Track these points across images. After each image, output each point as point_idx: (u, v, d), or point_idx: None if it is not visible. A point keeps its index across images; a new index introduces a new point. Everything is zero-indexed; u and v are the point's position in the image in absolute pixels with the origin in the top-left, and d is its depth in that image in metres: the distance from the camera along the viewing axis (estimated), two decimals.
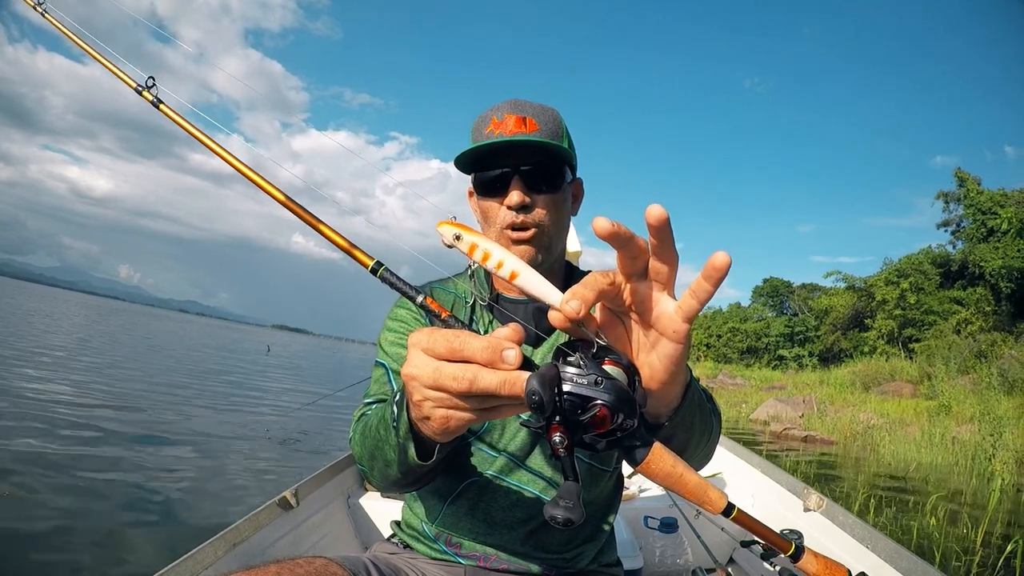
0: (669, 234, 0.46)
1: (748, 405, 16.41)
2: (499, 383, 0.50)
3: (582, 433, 0.50)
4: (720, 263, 0.45)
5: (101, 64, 1.08)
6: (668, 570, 1.81)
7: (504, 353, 0.50)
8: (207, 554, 1.19)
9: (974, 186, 22.26)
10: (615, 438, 0.52)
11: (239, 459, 4.95)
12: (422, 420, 0.59)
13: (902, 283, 22.58)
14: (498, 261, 0.53)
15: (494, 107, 0.97)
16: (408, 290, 0.67)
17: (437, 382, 0.52)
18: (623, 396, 0.49)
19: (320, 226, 0.74)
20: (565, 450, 0.49)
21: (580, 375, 0.49)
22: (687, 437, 0.70)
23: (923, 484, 7.35)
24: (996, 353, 16.47)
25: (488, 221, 0.98)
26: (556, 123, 0.97)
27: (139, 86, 1.02)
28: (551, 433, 0.49)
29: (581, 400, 0.48)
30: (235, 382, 11.49)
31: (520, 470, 0.97)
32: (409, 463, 0.70)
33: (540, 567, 0.98)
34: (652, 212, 0.45)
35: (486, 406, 0.53)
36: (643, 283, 0.51)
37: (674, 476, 0.55)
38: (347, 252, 0.72)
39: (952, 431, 11.05)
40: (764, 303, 34.77)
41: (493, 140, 0.93)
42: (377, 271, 0.70)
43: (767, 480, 2.10)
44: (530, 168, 0.94)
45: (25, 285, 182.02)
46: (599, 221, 0.45)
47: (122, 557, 2.74)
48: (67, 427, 4.91)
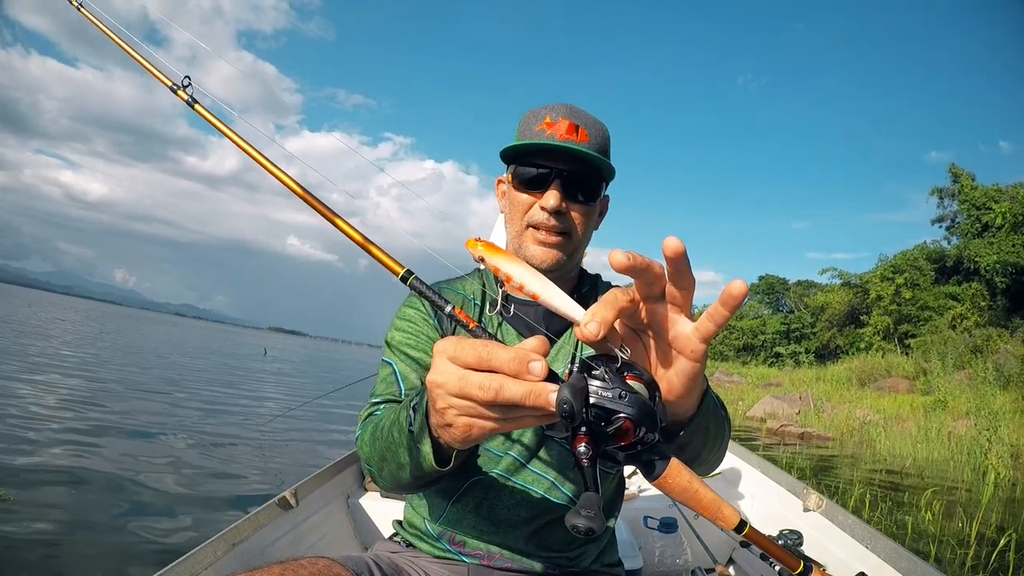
0: (686, 263, 0.48)
1: (745, 403, 16.44)
2: (525, 394, 0.50)
3: (605, 445, 0.52)
4: (737, 291, 0.47)
5: (138, 62, 1.07)
6: (668, 570, 1.82)
7: (531, 364, 0.51)
8: (207, 554, 1.19)
9: (968, 181, 22.37)
10: (635, 451, 0.53)
11: (238, 459, 4.94)
12: (443, 427, 0.59)
13: (897, 279, 22.68)
14: (521, 283, 0.55)
15: (549, 107, 0.98)
16: (438, 300, 0.69)
17: (463, 390, 0.53)
18: (646, 410, 0.51)
19: (370, 247, 0.76)
20: (589, 461, 0.50)
21: (605, 388, 0.50)
22: (701, 443, 0.71)
23: (919, 479, 7.38)
24: (992, 348, 16.56)
25: (518, 215, 1.00)
26: (604, 139, 0.99)
27: (175, 85, 1.02)
28: (576, 444, 0.51)
29: (606, 413, 0.50)
30: (235, 383, 11.46)
31: (525, 470, 0.98)
32: (424, 468, 0.71)
33: (543, 566, 0.99)
34: (669, 245, 0.46)
35: (510, 416, 0.54)
36: (660, 305, 0.53)
37: (689, 491, 0.57)
38: (381, 262, 0.74)
39: (948, 426, 11.09)
40: (760, 300, 34.86)
41: (547, 141, 0.94)
42: (407, 279, 0.71)
43: (767, 480, 2.10)
44: (572, 175, 0.96)
45: (20, 290, 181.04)
46: (614, 255, 0.47)
47: (122, 557, 2.73)
48: (68, 426, 4.89)
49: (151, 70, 1.05)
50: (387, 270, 0.74)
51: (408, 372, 0.97)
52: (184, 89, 1.01)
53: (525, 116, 1.01)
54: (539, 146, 0.95)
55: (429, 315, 1.02)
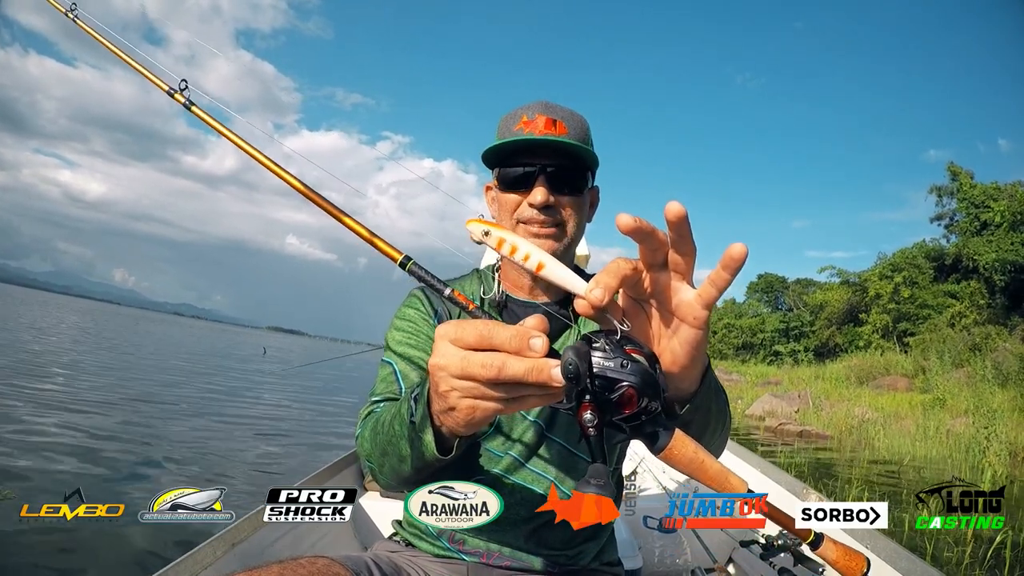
0: (687, 228, 0.49)
1: (744, 401, 16.45)
2: (527, 370, 0.51)
3: (611, 415, 0.52)
4: (737, 253, 0.48)
5: (134, 68, 1.07)
6: (668, 570, 1.82)
7: (531, 341, 0.51)
8: (207, 554, 1.19)
9: (967, 180, 22.37)
10: (639, 422, 0.53)
11: (239, 459, 4.94)
12: (446, 412, 0.59)
13: (896, 277, 22.69)
14: (525, 254, 0.56)
15: (525, 106, 0.98)
16: (436, 283, 0.69)
17: (465, 370, 0.53)
18: (648, 379, 0.51)
19: (374, 239, 0.78)
20: (595, 429, 0.51)
21: (607, 358, 0.51)
22: (704, 423, 0.71)
23: (917, 477, 7.40)
24: (990, 346, 16.58)
25: (507, 215, 1.00)
26: (584, 129, 0.99)
27: (171, 88, 1.02)
28: (581, 412, 0.51)
29: (609, 381, 0.51)
30: (234, 383, 11.46)
31: (525, 469, 0.98)
32: (427, 458, 0.70)
33: (543, 564, 0.99)
34: (671, 209, 0.47)
35: (513, 395, 0.54)
36: (663, 273, 0.54)
37: (696, 462, 0.56)
38: (379, 249, 0.75)
39: (946, 424, 11.11)
40: (759, 299, 34.88)
41: (524, 137, 0.94)
42: (406, 265, 0.72)
43: (766, 480, 2.11)
44: (556, 169, 0.96)
45: (20, 290, 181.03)
46: (622, 217, 0.48)
47: (122, 557, 2.73)
48: (68, 427, 4.89)
49: (147, 75, 1.05)
50: (387, 258, 0.75)
51: (408, 371, 0.97)
52: (181, 92, 1.00)
53: (503, 119, 1.01)
54: (518, 143, 0.95)
55: (429, 315, 1.02)
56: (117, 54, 1.11)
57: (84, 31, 1.16)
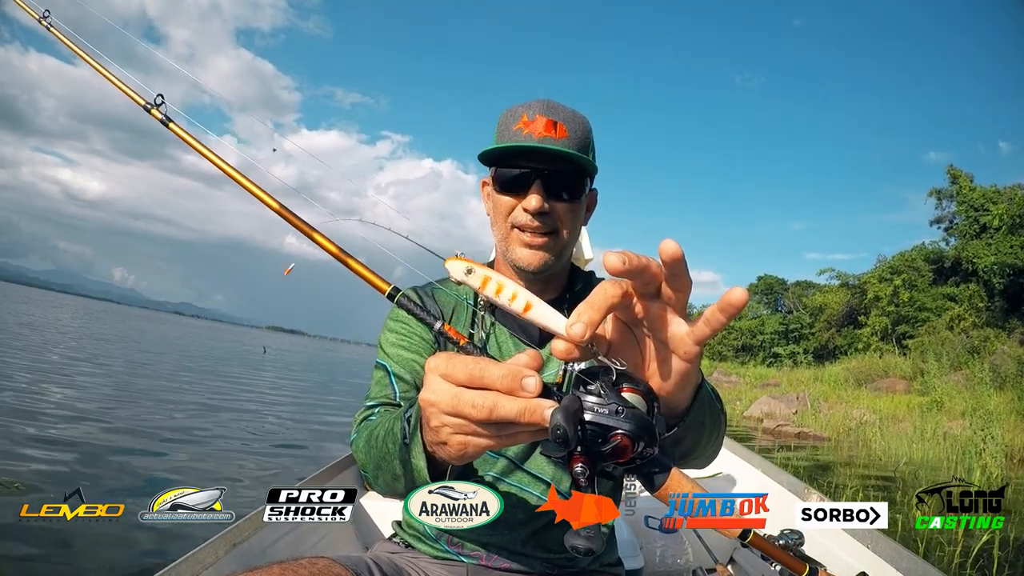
0: (683, 267, 0.47)
1: (742, 403, 16.46)
2: (519, 411, 0.49)
3: (603, 463, 0.50)
4: (736, 300, 0.46)
5: (111, 82, 1.04)
6: (669, 570, 1.82)
7: (524, 381, 0.49)
8: (207, 554, 1.19)
9: (966, 183, 22.39)
10: (635, 465, 0.52)
11: (239, 459, 4.94)
12: (438, 445, 0.58)
13: (895, 280, 22.71)
14: (512, 293, 0.52)
15: (526, 104, 0.96)
16: (426, 317, 0.68)
17: (456, 409, 0.52)
18: (643, 425, 0.49)
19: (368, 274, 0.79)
20: (587, 480, 0.50)
21: (601, 404, 0.49)
22: (697, 437, 0.71)
23: (912, 478, 7.41)
24: (989, 349, 16.59)
25: (501, 217, 0.98)
26: (585, 132, 0.97)
27: (148, 104, 1.00)
28: (573, 464, 0.49)
29: (602, 430, 0.49)
30: (235, 383, 11.44)
31: (520, 472, 0.98)
32: (418, 483, 0.70)
33: (541, 566, 0.99)
34: (667, 250, 0.45)
35: (504, 433, 0.53)
36: (656, 303, 0.52)
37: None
38: (368, 281, 0.74)
39: (944, 427, 11.12)
40: (758, 301, 34.88)
41: (521, 143, 0.92)
42: (395, 296, 0.70)
43: (767, 480, 2.10)
44: (553, 174, 0.94)
45: (19, 288, 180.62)
46: (609, 258, 0.45)
47: (122, 557, 2.73)
48: (68, 427, 4.88)
49: (123, 89, 1.02)
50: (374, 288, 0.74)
51: (402, 373, 0.97)
52: (158, 108, 0.98)
53: (503, 116, 0.99)
54: (515, 149, 0.93)
55: None
56: (93, 66, 1.08)
57: (60, 40, 1.13)
